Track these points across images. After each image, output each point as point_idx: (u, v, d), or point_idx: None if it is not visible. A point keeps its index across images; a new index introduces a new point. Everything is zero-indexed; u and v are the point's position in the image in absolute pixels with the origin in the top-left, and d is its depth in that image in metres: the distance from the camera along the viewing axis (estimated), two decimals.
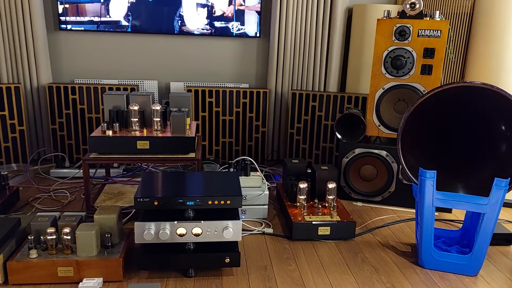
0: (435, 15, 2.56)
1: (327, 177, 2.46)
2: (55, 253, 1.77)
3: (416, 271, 2.00)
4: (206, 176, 2.03)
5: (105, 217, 1.85)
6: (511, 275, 2.00)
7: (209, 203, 1.77)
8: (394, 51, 2.58)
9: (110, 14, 3.24)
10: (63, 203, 2.60)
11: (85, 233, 1.75)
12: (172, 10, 3.29)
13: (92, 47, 3.38)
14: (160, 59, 3.48)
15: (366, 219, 2.56)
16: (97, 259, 1.76)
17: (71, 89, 3.17)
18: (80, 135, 3.25)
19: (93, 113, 3.23)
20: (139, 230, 1.74)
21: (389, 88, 2.64)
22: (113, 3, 3.21)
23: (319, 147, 3.41)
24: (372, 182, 2.79)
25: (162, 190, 1.82)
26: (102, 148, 2.29)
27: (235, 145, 3.47)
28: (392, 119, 2.69)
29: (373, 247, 2.22)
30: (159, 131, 2.39)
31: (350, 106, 3.26)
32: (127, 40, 3.40)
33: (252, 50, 3.57)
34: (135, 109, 2.37)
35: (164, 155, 2.35)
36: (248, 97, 3.37)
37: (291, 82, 3.53)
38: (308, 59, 3.47)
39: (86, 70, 3.43)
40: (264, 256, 2.07)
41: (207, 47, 3.50)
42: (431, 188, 1.90)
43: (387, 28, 2.58)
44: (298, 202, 2.40)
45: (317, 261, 2.05)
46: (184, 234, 1.78)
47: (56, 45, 3.35)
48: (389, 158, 2.69)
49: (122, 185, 2.77)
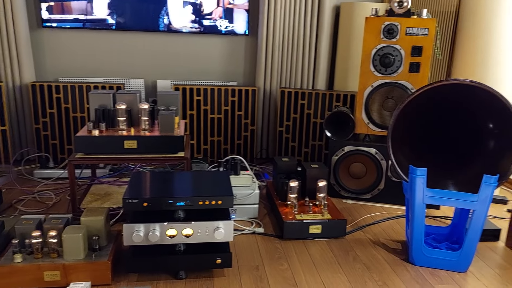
0: (422, 13, 2.57)
1: (317, 175, 2.45)
2: (40, 257, 1.73)
3: (407, 268, 2.01)
4: (196, 175, 2.00)
5: (92, 219, 1.81)
6: (500, 270, 2.02)
7: (200, 203, 1.74)
8: (383, 49, 2.58)
9: (95, 12, 3.17)
10: (48, 205, 2.54)
11: (72, 236, 1.70)
12: (159, 7, 3.24)
13: (77, 45, 3.32)
14: (146, 57, 3.43)
15: (356, 216, 2.56)
16: (85, 263, 1.71)
17: (55, 87, 3.10)
18: (64, 134, 3.18)
19: (78, 112, 3.17)
20: (128, 232, 1.71)
21: (378, 86, 2.64)
22: (99, 0, 3.15)
23: (308, 145, 3.40)
24: (362, 180, 2.79)
25: (151, 190, 1.78)
26: (88, 148, 2.24)
27: (224, 144, 3.44)
28: (381, 117, 2.69)
29: (364, 245, 2.22)
30: (147, 130, 2.35)
31: (339, 104, 3.26)
32: (112, 37, 3.34)
33: (240, 48, 3.54)
34: (122, 108, 2.32)
35: (152, 155, 2.31)
36: (237, 95, 3.35)
37: (279, 80, 3.51)
38: (297, 57, 3.46)
39: (71, 68, 3.36)
40: (256, 256, 2.06)
41: (194, 45, 3.46)
42: (422, 186, 1.90)
43: (375, 26, 2.58)
44: (289, 201, 2.38)
45: (308, 260, 2.04)
46: (175, 236, 1.75)
47: (39, 43, 3.27)
48: (378, 156, 2.69)
49: (109, 185, 2.72)
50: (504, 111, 1.88)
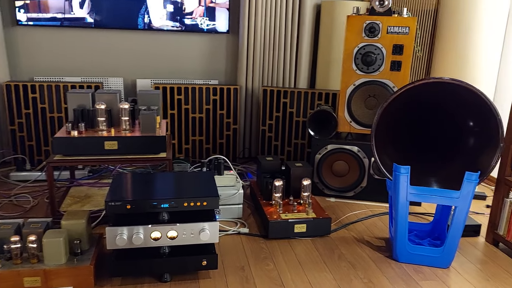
0: (403, 12, 2.59)
1: (301, 174, 2.45)
2: (20, 262, 1.67)
3: (391, 265, 2.02)
4: (179, 176, 1.97)
5: (73, 222, 1.76)
6: (481, 265, 2.06)
7: (185, 205, 1.71)
8: (364, 48, 2.60)
9: (74, 11, 3.09)
10: (26, 208, 2.46)
11: (53, 241, 1.65)
12: (138, 5, 3.18)
13: (53, 43, 3.23)
14: (125, 56, 3.37)
15: (340, 214, 2.57)
16: (67, 267, 1.67)
17: (31, 87, 3.01)
18: (41, 135, 3.09)
19: (55, 112, 3.08)
20: (111, 235, 1.67)
21: (360, 85, 2.65)
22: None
23: (291, 143, 3.40)
24: (345, 178, 2.81)
25: (135, 192, 1.74)
26: (67, 149, 2.18)
27: (206, 143, 3.41)
28: (363, 115, 2.71)
29: (348, 243, 2.23)
30: (128, 131, 2.30)
31: (321, 103, 3.27)
32: (90, 36, 3.26)
33: (221, 46, 3.51)
34: (102, 108, 2.27)
35: (133, 156, 2.27)
36: (219, 94, 3.32)
37: (261, 79, 3.50)
38: (278, 55, 3.45)
39: (47, 67, 3.27)
40: (241, 256, 2.04)
41: (175, 43, 3.41)
42: (405, 183, 1.92)
43: (357, 25, 2.59)
44: (274, 200, 2.37)
45: (294, 259, 2.03)
46: (159, 238, 1.72)
47: (14, 42, 3.17)
48: (361, 154, 2.71)
49: (88, 187, 2.66)
50: (484, 108, 1.91)
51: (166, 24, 3.26)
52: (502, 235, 2.16)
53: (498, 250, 2.20)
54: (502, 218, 2.16)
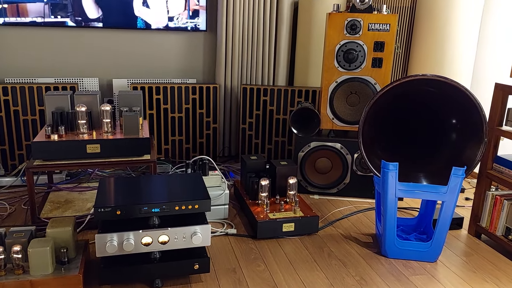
0: (382, 9, 2.62)
1: (287, 172, 2.45)
2: (4, 274, 1.59)
3: (381, 261, 2.05)
4: (167, 179, 1.93)
5: (59, 230, 1.70)
6: (467, 257, 2.11)
7: (176, 208, 1.68)
8: (346, 45, 2.61)
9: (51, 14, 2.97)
10: (2, 216, 2.36)
11: (39, 250, 1.59)
12: (113, 2, 3.09)
13: (23, 42, 3.09)
14: (100, 55, 3.27)
15: (325, 212, 2.58)
16: (54, 277, 1.60)
17: (2, 89, 2.88)
18: (14, 139, 2.97)
19: (28, 115, 2.96)
20: (101, 242, 1.61)
21: (342, 82, 2.67)
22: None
23: (271, 141, 3.39)
24: (328, 175, 2.82)
25: (124, 197, 1.69)
26: (47, 154, 2.10)
27: (186, 143, 3.36)
28: (345, 112, 2.72)
29: (336, 240, 2.24)
30: (110, 133, 2.24)
31: (301, 100, 3.27)
32: (62, 34, 3.15)
33: (198, 44, 3.46)
34: (83, 110, 2.19)
35: (117, 159, 2.20)
36: (198, 93, 3.27)
37: (240, 77, 3.47)
38: (257, 53, 3.43)
39: (17, 67, 3.13)
40: (231, 258, 2.02)
41: (151, 42, 3.34)
42: (394, 180, 1.94)
43: (338, 22, 2.60)
44: (260, 200, 2.36)
45: (285, 259, 2.03)
46: (150, 243, 1.67)
47: None
48: (344, 150, 2.73)
49: (68, 192, 2.57)
50: (468, 104, 1.96)
51: (144, 22, 3.18)
52: (485, 227, 2.23)
53: (481, 242, 2.26)
54: (485, 210, 2.23)
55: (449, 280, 1.91)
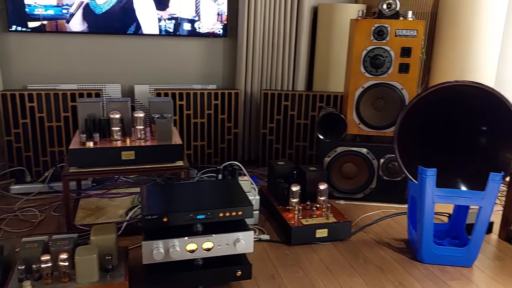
0: (408, 15, 2.64)
1: (317, 178, 2.45)
2: (51, 282, 1.60)
3: (417, 266, 2.05)
4: (205, 185, 1.93)
5: (103, 237, 1.70)
6: (500, 262, 2.11)
7: (220, 215, 1.68)
8: (373, 51, 2.63)
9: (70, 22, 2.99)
10: (34, 223, 2.36)
11: (86, 258, 1.59)
12: (134, 10, 3.11)
13: (46, 49, 3.11)
14: (122, 61, 3.28)
15: (353, 217, 2.59)
16: (100, 285, 1.61)
17: (28, 96, 2.89)
18: (39, 146, 2.98)
19: (53, 121, 2.97)
20: (148, 249, 1.62)
21: (369, 87, 2.68)
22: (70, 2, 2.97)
23: (292, 146, 3.40)
24: (354, 180, 2.83)
25: (169, 205, 1.70)
26: (83, 161, 2.11)
27: (207, 148, 3.37)
28: (371, 117, 2.74)
29: (370, 245, 2.25)
30: (143, 140, 2.25)
31: (322, 105, 3.28)
32: (85, 41, 3.16)
33: (218, 50, 3.47)
34: (116, 117, 2.21)
35: (150, 165, 2.22)
36: (220, 99, 3.28)
37: (260, 82, 3.49)
38: (277, 58, 3.45)
39: (40, 74, 3.15)
40: (268, 264, 2.02)
41: (171, 48, 3.35)
42: (432, 186, 1.95)
43: (365, 28, 2.61)
44: (291, 206, 2.36)
45: (321, 265, 2.03)
46: (195, 250, 1.68)
47: (4, 49, 3.03)
48: (370, 155, 2.74)
49: (98, 199, 2.58)
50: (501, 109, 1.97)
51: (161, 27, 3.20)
52: None
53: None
54: None
55: (486, 284, 1.91)
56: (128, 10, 3.09)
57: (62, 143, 3.01)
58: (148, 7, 3.12)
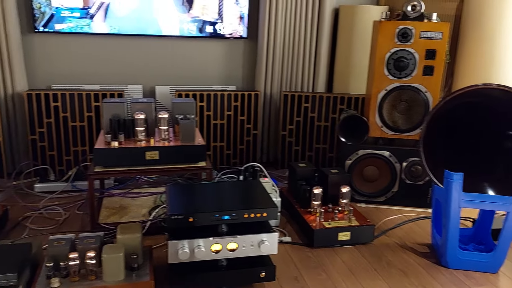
0: (432, 17, 2.61)
1: (339, 181, 2.44)
2: (78, 280, 1.62)
3: (441, 271, 2.03)
4: (228, 187, 1.94)
5: (129, 236, 1.72)
6: None
7: (245, 216, 1.69)
8: (397, 53, 2.60)
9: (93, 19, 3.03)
10: (58, 221, 2.40)
11: (113, 257, 1.61)
12: (156, 11, 3.14)
13: (69, 50, 3.16)
14: (143, 62, 3.32)
15: (375, 220, 2.56)
16: (126, 284, 1.62)
17: (52, 96, 2.94)
18: (63, 145, 3.02)
19: (77, 121, 3.02)
20: (173, 249, 1.63)
21: (392, 89, 2.66)
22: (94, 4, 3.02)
23: (312, 148, 3.39)
24: (375, 183, 2.81)
25: (194, 205, 1.71)
26: (108, 161, 2.14)
27: (226, 149, 3.37)
28: (394, 120, 2.71)
29: (392, 249, 2.22)
30: (167, 140, 2.27)
31: (343, 107, 3.26)
32: (107, 42, 3.20)
33: (238, 52, 3.48)
34: (141, 118, 2.23)
35: (173, 165, 2.23)
36: (240, 100, 3.29)
37: (280, 84, 3.48)
38: (297, 60, 3.44)
39: (63, 75, 3.19)
40: (291, 266, 2.02)
41: (192, 49, 3.37)
42: (458, 190, 1.92)
43: (389, 30, 2.59)
44: (312, 208, 2.35)
45: (344, 268, 2.02)
46: (220, 251, 1.69)
47: (30, 49, 3.09)
48: (393, 159, 2.71)
49: (121, 198, 2.60)
50: None
51: (182, 29, 3.22)
52: None
53: None
54: None
55: None
56: (150, 11, 3.12)
57: (85, 143, 3.05)
58: (171, 9, 3.15)
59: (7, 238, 2.17)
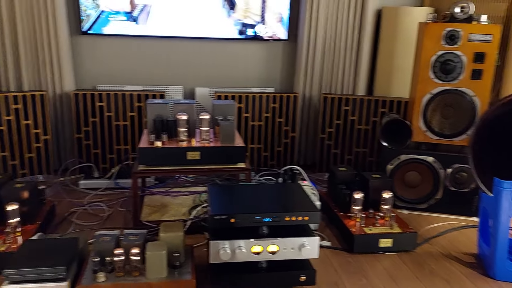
0: (481, 19, 2.52)
1: (380, 186, 2.39)
2: (122, 275, 1.66)
3: (488, 282, 1.95)
4: (268, 189, 1.94)
5: (172, 235, 1.75)
6: None
7: (287, 219, 1.68)
8: (443, 56, 2.53)
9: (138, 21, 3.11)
10: (102, 217, 2.47)
11: (156, 254, 1.64)
12: (197, 13, 3.18)
13: (114, 51, 3.25)
14: (184, 64, 3.37)
15: (417, 228, 2.49)
16: (168, 281, 1.65)
17: (98, 96, 3.03)
18: (106, 144, 3.11)
19: (120, 121, 3.10)
20: (215, 249, 1.64)
21: (438, 93, 2.58)
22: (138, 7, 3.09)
23: (351, 152, 3.34)
24: (417, 189, 2.73)
25: (236, 206, 1.72)
26: (151, 160, 2.18)
27: (264, 151, 3.37)
28: (439, 125, 2.63)
29: (436, 258, 2.16)
30: (208, 141, 2.29)
31: (385, 110, 3.20)
32: (149, 44, 3.27)
33: (277, 54, 3.48)
34: (184, 119, 2.26)
35: (214, 166, 2.25)
36: (278, 102, 3.28)
37: (319, 86, 3.46)
38: (339, 62, 3.41)
39: (108, 76, 3.29)
40: (331, 271, 1.99)
41: (232, 51, 3.40)
42: (509, 199, 1.84)
43: (435, 32, 2.52)
44: (352, 213, 2.32)
45: (385, 274, 1.98)
46: (260, 252, 1.68)
47: (78, 50, 3.20)
48: (437, 164, 2.63)
49: (161, 196, 2.65)
50: None
51: (222, 31, 3.25)
52: None
53: None
54: None
55: None
56: (192, 13, 3.17)
57: (128, 142, 3.13)
58: (212, 11, 3.19)
59: (55, 232, 2.26)
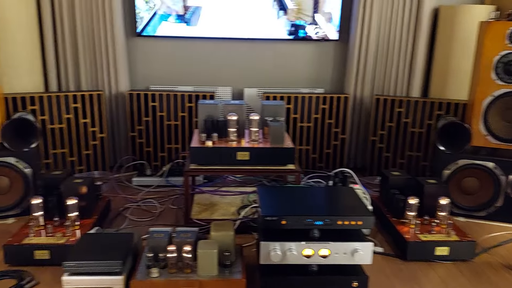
0: None
1: (436, 192, 2.29)
2: (175, 271, 1.69)
3: None
4: (319, 191, 1.91)
5: (223, 234, 1.76)
6: None
7: (339, 223, 1.64)
8: (507, 56, 2.39)
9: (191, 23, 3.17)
10: (154, 213, 2.53)
11: (208, 252, 1.66)
12: (246, 15, 3.20)
13: (167, 53, 3.33)
14: (233, 65, 3.39)
15: (475, 236, 2.37)
16: (219, 280, 1.66)
17: (151, 96, 3.11)
18: (158, 142, 3.19)
19: (171, 120, 3.17)
20: (265, 250, 1.63)
21: (500, 96, 2.44)
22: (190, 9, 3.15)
23: (404, 155, 3.23)
24: (475, 196, 2.60)
25: (287, 208, 1.70)
26: (202, 159, 2.22)
27: (312, 153, 3.33)
28: (501, 129, 2.49)
29: (495, 268, 2.04)
30: (257, 142, 2.29)
31: (441, 113, 3.07)
32: (199, 45, 3.32)
33: (328, 55, 3.43)
34: (234, 119, 2.27)
35: (263, 166, 2.25)
36: (328, 103, 3.23)
37: (371, 87, 3.37)
38: (392, 63, 3.31)
39: (160, 76, 3.37)
40: (383, 278, 1.93)
41: (281, 52, 3.39)
42: None
43: (498, 31, 2.39)
44: (406, 219, 2.24)
45: (441, 283, 1.89)
46: (311, 256, 1.66)
47: (133, 52, 3.31)
48: (498, 171, 2.49)
49: (210, 195, 2.69)
50: None
51: (272, 31, 3.24)
52: None
53: None
54: None
55: None
56: (242, 15, 3.19)
57: (178, 141, 3.19)
58: (262, 12, 3.19)
59: (110, 227, 2.34)
